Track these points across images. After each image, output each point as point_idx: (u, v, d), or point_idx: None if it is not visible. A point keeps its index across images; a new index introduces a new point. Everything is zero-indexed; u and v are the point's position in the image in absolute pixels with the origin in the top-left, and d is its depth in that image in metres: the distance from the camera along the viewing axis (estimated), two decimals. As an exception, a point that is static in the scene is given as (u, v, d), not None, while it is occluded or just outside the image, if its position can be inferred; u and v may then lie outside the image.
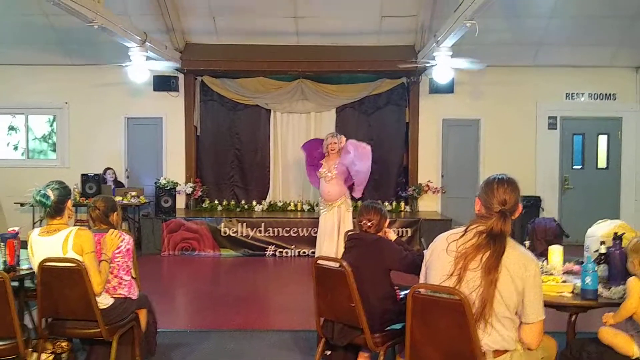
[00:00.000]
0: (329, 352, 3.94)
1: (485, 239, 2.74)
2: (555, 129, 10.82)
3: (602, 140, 10.92)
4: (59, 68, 10.61)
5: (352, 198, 8.04)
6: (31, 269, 3.87)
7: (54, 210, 3.71)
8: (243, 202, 10.78)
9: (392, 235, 4.09)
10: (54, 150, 11.24)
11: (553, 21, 9.52)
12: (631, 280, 3.11)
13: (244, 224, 9.61)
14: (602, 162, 10.96)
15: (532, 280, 2.72)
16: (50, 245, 3.65)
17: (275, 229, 9.60)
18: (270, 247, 9.55)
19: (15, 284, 4.14)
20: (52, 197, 3.67)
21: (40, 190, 3.69)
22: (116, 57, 8.86)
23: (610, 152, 10.89)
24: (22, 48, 10.20)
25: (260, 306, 6.79)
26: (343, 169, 7.63)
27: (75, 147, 10.87)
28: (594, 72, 10.60)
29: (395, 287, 3.87)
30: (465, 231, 2.83)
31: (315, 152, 8.10)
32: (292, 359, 4.77)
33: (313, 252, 8.25)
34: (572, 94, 10.76)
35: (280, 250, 9.54)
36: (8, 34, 9.94)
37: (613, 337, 3.11)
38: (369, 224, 3.92)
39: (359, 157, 7.65)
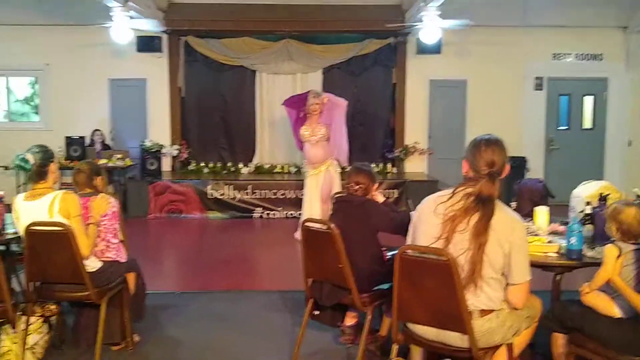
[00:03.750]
0: (317, 312, 3.98)
1: (473, 202, 2.74)
2: (542, 89, 10.80)
3: (588, 101, 10.93)
4: (39, 28, 10.35)
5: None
6: (17, 233, 3.85)
7: (36, 175, 3.67)
8: (229, 164, 10.74)
9: (379, 198, 4.09)
10: (37, 113, 11.09)
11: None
12: (607, 247, 3.13)
13: (231, 187, 9.60)
14: (587, 123, 11.00)
15: (518, 242, 2.74)
16: (36, 209, 3.62)
17: (262, 191, 9.59)
18: (257, 209, 9.56)
19: (1, 248, 4.12)
20: (31, 162, 3.63)
21: (19, 155, 3.64)
22: (98, 17, 8.67)
23: (596, 113, 10.91)
24: (0, 7, 9.95)
25: (248, 268, 6.84)
26: (325, 132, 7.51)
27: (58, 110, 10.70)
28: (581, 32, 10.54)
29: (383, 248, 3.90)
30: (453, 193, 2.83)
31: (297, 110, 7.90)
32: (280, 318, 4.82)
33: (300, 214, 8.26)
34: (559, 54, 10.73)
35: (268, 212, 9.56)
36: (-15, -7, 9.70)
37: (594, 298, 3.15)
38: (357, 187, 3.91)
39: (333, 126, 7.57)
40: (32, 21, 10.22)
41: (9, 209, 3.92)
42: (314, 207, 7.58)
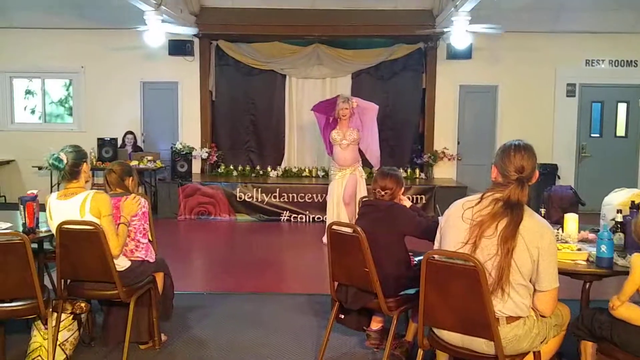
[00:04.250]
0: (342, 316, 3.98)
1: (502, 207, 2.72)
2: (574, 96, 10.66)
3: (622, 108, 10.75)
4: (75, 32, 10.57)
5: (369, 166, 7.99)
6: (49, 231, 3.93)
7: (69, 174, 3.74)
8: (258, 167, 10.80)
9: (406, 203, 4.08)
10: (71, 115, 11.30)
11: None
12: (635, 255, 3.06)
13: (259, 190, 9.66)
14: (620, 131, 10.81)
15: (547, 249, 2.71)
16: (68, 208, 3.69)
17: (290, 195, 9.63)
18: (284, 212, 9.60)
19: (35, 246, 4.20)
20: (65, 161, 3.69)
21: (53, 154, 3.71)
22: (131, 21, 8.82)
23: (630, 120, 10.72)
24: (38, 11, 10.17)
25: (276, 270, 6.87)
26: (356, 136, 7.55)
27: (91, 111, 10.91)
28: (615, 38, 10.38)
29: (410, 253, 3.89)
30: (481, 198, 2.82)
31: (326, 115, 7.93)
32: (306, 321, 4.82)
33: (326, 218, 8.25)
34: (591, 60, 10.58)
35: (295, 215, 9.59)
36: (24, -3, 9.92)
37: (626, 310, 3.07)
38: (383, 192, 3.89)
39: (367, 130, 7.65)
40: (68, 24, 10.43)
41: (43, 207, 4.00)
42: (338, 210, 7.60)
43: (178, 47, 10.57)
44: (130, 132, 10.36)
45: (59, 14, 10.22)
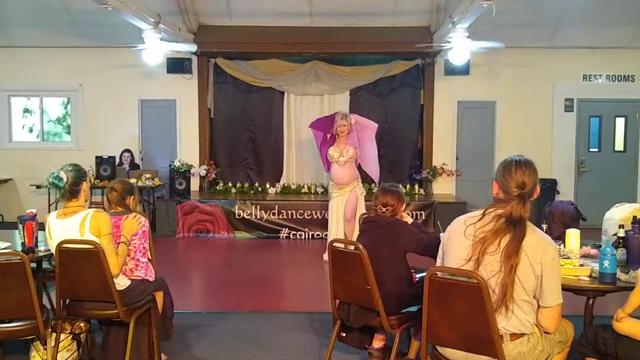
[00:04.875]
0: (344, 334, 3.95)
1: (504, 224, 2.71)
2: (572, 111, 10.70)
3: (620, 122, 10.78)
4: (73, 50, 10.61)
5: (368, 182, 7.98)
6: (49, 250, 3.90)
7: (68, 193, 3.72)
8: (257, 184, 10.79)
9: (408, 219, 4.06)
10: (69, 133, 11.30)
11: (571, 2, 9.33)
12: None
13: (258, 207, 9.64)
14: (619, 145, 10.83)
15: (550, 264, 2.70)
16: (67, 227, 3.67)
17: (289, 212, 9.61)
18: (283, 229, 9.57)
19: (33, 265, 4.18)
20: (64, 179, 3.68)
21: (53, 173, 3.70)
22: (130, 39, 8.86)
23: (628, 135, 10.76)
24: (36, 30, 10.21)
25: (275, 288, 6.83)
26: (353, 154, 7.55)
27: (89, 130, 10.91)
28: (613, 53, 10.44)
29: (411, 270, 3.87)
30: (483, 215, 2.81)
31: (324, 132, 7.94)
32: (307, 340, 4.79)
33: (326, 235, 8.23)
34: (589, 75, 10.63)
35: (294, 232, 9.56)
36: (22, 16, 9.94)
37: (629, 327, 3.05)
38: (384, 209, 3.88)
39: (364, 147, 7.67)
40: (67, 43, 10.47)
41: (42, 226, 3.98)
42: (340, 228, 7.58)
43: (176, 65, 10.61)
44: (128, 150, 10.36)
45: (57, 33, 10.26)
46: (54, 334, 3.82)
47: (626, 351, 3.00)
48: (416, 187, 10.58)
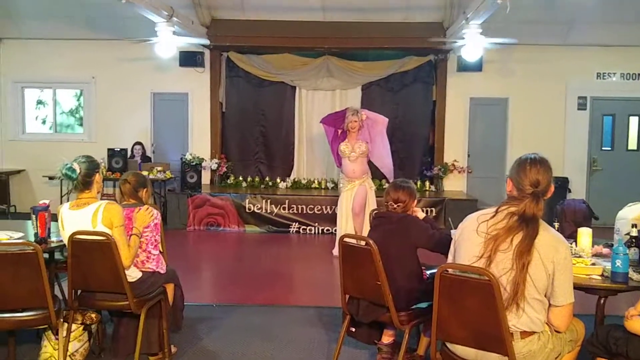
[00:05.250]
0: (353, 329, 3.95)
1: (517, 222, 2.70)
2: (585, 109, 10.62)
3: (633, 121, 10.70)
4: (86, 42, 10.65)
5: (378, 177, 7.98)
6: (61, 241, 3.93)
7: (81, 184, 3.74)
8: (267, 178, 10.80)
9: (420, 214, 4.05)
10: (81, 125, 11.36)
11: (585, -1, 9.28)
12: None
13: (268, 201, 9.66)
14: (632, 144, 10.75)
15: (562, 263, 2.69)
16: (80, 218, 3.69)
17: (299, 206, 9.62)
18: (293, 224, 9.59)
19: (46, 256, 4.20)
20: (77, 171, 3.70)
21: (66, 164, 3.71)
22: (143, 32, 8.87)
23: (642, 134, 10.68)
24: (49, 22, 10.25)
25: (285, 282, 6.84)
26: (365, 149, 7.55)
27: (102, 122, 10.96)
28: (627, 51, 10.35)
29: (422, 267, 3.86)
30: (496, 212, 2.80)
31: (335, 127, 7.94)
32: (316, 334, 4.80)
33: (336, 230, 8.23)
34: (603, 73, 10.54)
35: (304, 227, 9.57)
36: (36, 9, 10.00)
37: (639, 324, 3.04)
38: (395, 205, 3.86)
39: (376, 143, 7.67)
40: (81, 35, 10.51)
41: (54, 217, 4.00)
42: (350, 223, 7.58)
43: (189, 59, 10.62)
44: (139, 143, 10.40)
45: (70, 25, 10.30)
46: (66, 324, 3.85)
47: (637, 351, 2.99)
48: (427, 183, 10.55)
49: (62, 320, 3.76)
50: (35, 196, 10.19)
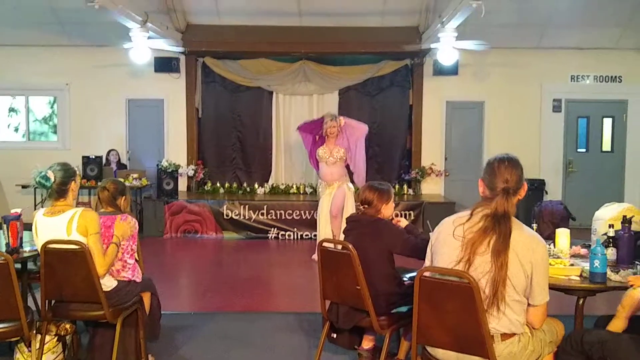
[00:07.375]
0: (334, 335, 3.92)
1: (490, 222, 2.71)
2: (560, 111, 10.74)
3: (607, 123, 10.84)
4: (59, 49, 10.50)
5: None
6: (34, 251, 3.85)
7: (56, 192, 3.67)
8: (245, 184, 10.74)
9: (402, 223, 4.00)
10: (55, 132, 11.19)
11: (559, 3, 9.37)
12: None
13: (246, 207, 9.59)
14: (606, 146, 10.90)
15: (540, 263, 2.70)
16: (54, 226, 3.61)
17: (278, 212, 9.57)
18: (272, 229, 9.53)
19: (18, 266, 4.11)
20: (52, 179, 3.63)
21: (40, 172, 3.64)
22: (117, 38, 8.77)
23: (615, 135, 10.81)
24: (21, 29, 10.08)
25: (264, 288, 6.79)
26: (342, 155, 7.56)
27: (76, 129, 10.81)
28: (600, 54, 10.50)
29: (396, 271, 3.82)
30: (471, 215, 2.80)
31: (312, 134, 7.94)
32: (296, 340, 4.76)
33: (315, 235, 8.21)
34: (577, 76, 10.68)
35: (283, 233, 9.52)
36: (7, 15, 9.82)
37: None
38: (362, 206, 3.85)
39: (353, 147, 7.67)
40: (54, 42, 10.36)
41: (27, 227, 3.92)
42: (328, 227, 7.56)
43: (164, 64, 10.54)
44: (113, 150, 10.27)
45: (43, 31, 10.14)
46: (39, 336, 3.76)
47: (614, 353, 2.98)
48: (405, 187, 10.58)
49: (35, 331, 3.68)
50: (7, 205, 10.00)
